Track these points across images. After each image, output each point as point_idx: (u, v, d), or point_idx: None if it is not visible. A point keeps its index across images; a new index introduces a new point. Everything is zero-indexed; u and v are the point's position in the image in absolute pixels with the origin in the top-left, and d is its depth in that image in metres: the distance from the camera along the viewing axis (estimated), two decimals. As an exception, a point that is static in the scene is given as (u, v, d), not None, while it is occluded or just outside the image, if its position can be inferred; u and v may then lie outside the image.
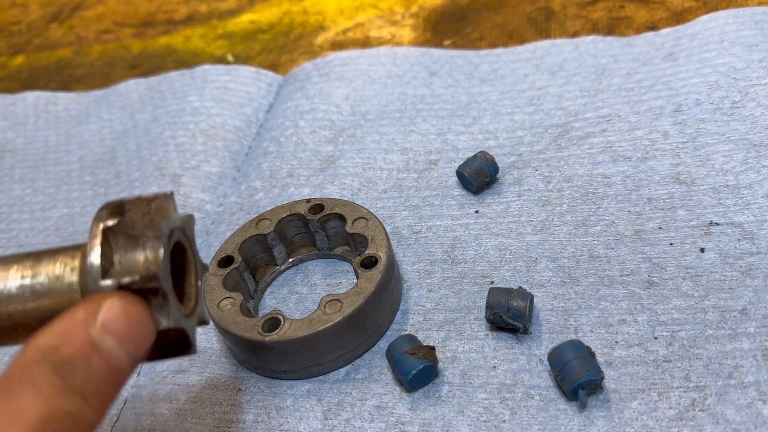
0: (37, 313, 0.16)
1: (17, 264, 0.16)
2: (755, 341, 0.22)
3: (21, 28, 0.57)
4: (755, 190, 0.26)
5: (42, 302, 0.16)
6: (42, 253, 0.17)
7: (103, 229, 0.16)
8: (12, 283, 0.16)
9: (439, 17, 0.43)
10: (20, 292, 0.16)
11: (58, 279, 0.16)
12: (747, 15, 0.33)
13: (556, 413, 0.21)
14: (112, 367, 0.15)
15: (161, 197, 0.17)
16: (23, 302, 0.16)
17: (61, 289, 0.16)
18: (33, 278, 0.16)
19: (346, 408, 0.23)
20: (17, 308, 0.16)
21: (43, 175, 0.39)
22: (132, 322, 0.15)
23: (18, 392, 0.14)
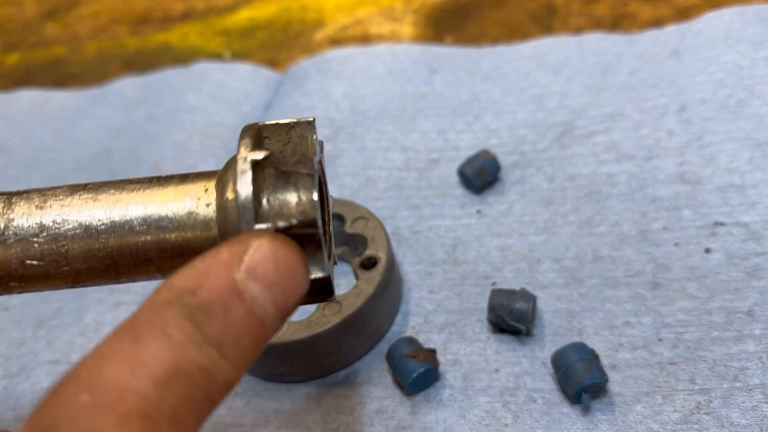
0: (161, 249, 0.14)
1: (138, 191, 0.14)
2: (761, 343, 0.21)
3: (16, 26, 0.56)
4: (761, 190, 0.25)
5: (168, 237, 0.14)
6: (164, 180, 0.15)
7: (252, 162, 0.13)
8: (133, 212, 0.14)
9: (440, 13, 0.42)
10: (143, 225, 0.14)
11: (191, 215, 0.14)
12: (752, 12, 0.33)
13: (559, 417, 0.21)
14: (256, 317, 0.13)
15: (303, 124, 0.15)
16: (144, 236, 0.14)
17: (194, 226, 0.14)
18: (159, 209, 0.14)
19: (346, 412, 0.23)
20: (138, 241, 0.14)
21: (38, 174, 0.38)
22: (283, 268, 0.13)
23: (144, 337, 0.11)
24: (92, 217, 0.14)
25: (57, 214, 0.14)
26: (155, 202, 0.14)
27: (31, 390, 0.26)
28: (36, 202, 0.14)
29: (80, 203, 0.14)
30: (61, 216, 0.14)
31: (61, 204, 0.14)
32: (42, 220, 0.14)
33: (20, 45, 0.53)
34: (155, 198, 0.14)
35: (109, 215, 0.14)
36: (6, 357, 0.28)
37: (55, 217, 0.14)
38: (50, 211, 0.14)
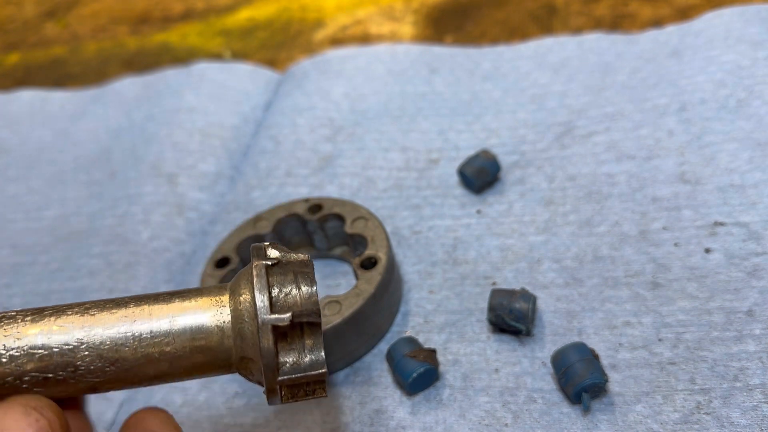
0: (182, 358, 0.16)
1: (159, 304, 0.16)
2: (761, 343, 0.21)
3: (16, 26, 0.56)
4: (761, 190, 0.25)
5: (192, 344, 0.16)
6: (180, 294, 0.16)
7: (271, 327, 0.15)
8: (159, 324, 0.16)
9: (439, 13, 0.42)
10: (166, 335, 0.16)
11: (209, 326, 0.16)
12: (752, 12, 0.32)
13: (559, 417, 0.21)
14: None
15: (299, 264, 0.16)
16: (168, 345, 0.16)
17: (213, 332, 0.16)
18: (177, 319, 0.16)
19: (345, 411, 0.23)
20: (163, 350, 0.16)
21: (37, 174, 0.38)
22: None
23: None
24: (122, 331, 0.16)
25: (87, 330, 0.15)
26: (180, 316, 0.16)
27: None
28: (77, 319, 0.16)
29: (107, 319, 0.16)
30: (90, 333, 0.15)
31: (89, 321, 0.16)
32: (80, 335, 0.15)
33: (20, 45, 0.53)
34: (178, 312, 0.16)
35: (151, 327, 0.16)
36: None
37: (86, 332, 0.15)
38: (85, 329, 0.15)
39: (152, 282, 0.30)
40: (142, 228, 0.32)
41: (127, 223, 0.32)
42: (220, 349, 0.16)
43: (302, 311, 0.16)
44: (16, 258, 0.33)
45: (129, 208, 0.33)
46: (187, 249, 0.31)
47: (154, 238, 0.31)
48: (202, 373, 0.16)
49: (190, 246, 0.31)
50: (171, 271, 0.30)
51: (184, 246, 0.31)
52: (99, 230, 0.33)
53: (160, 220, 0.32)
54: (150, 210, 0.33)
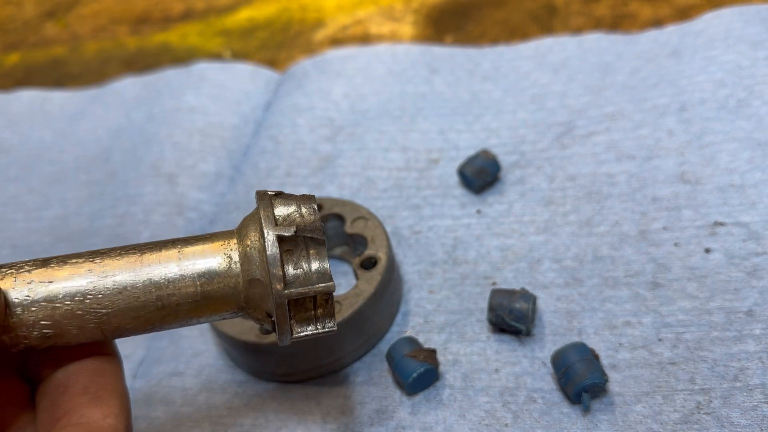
0: (196, 297, 0.16)
1: (167, 250, 0.16)
2: (761, 343, 0.21)
3: (16, 26, 0.56)
4: (761, 190, 0.25)
5: (204, 290, 0.16)
6: (191, 239, 0.17)
7: (277, 237, 0.16)
8: (169, 269, 0.16)
9: (440, 13, 0.42)
10: (179, 278, 0.16)
11: (222, 265, 0.16)
12: (752, 12, 0.32)
13: (559, 417, 0.21)
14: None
15: (305, 198, 0.17)
16: (182, 288, 0.16)
17: (228, 275, 0.16)
18: (195, 266, 0.16)
19: (346, 412, 0.23)
20: (176, 292, 0.16)
21: (37, 174, 0.38)
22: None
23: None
24: (141, 275, 0.16)
25: (111, 274, 0.16)
26: (191, 262, 0.16)
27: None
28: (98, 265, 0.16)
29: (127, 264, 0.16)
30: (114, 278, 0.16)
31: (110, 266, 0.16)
32: (105, 282, 0.16)
33: (20, 45, 0.53)
34: (189, 258, 0.16)
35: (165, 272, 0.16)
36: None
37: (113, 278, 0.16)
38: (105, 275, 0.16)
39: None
40: (142, 228, 0.32)
41: (127, 223, 0.32)
42: (228, 280, 0.16)
43: (305, 227, 0.16)
44: (16, 258, 0.33)
45: (129, 208, 0.33)
46: (187, 249, 0.31)
47: (154, 238, 0.31)
48: (213, 312, 0.16)
49: (190, 246, 0.31)
50: (171, 271, 0.30)
51: (184, 246, 0.31)
52: (99, 230, 0.33)
53: (160, 220, 0.32)
54: (150, 210, 0.33)
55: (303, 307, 0.16)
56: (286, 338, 0.16)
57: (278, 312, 0.16)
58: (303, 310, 0.16)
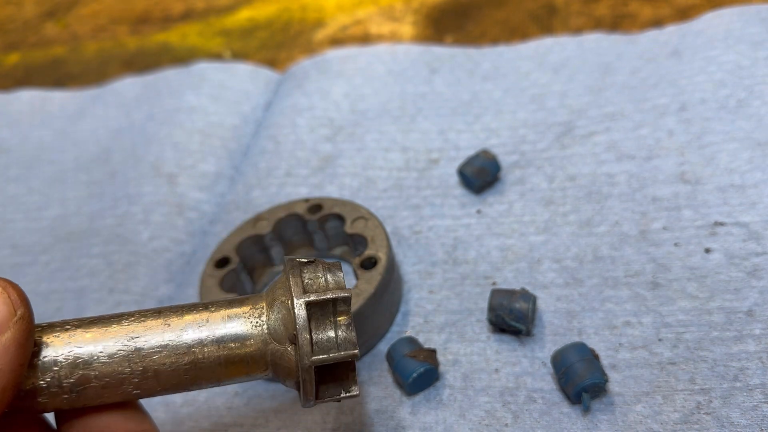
0: (227, 362, 0.16)
1: (198, 313, 0.16)
2: (761, 343, 0.21)
3: (16, 26, 0.56)
4: (761, 190, 0.25)
5: (233, 353, 0.16)
6: (221, 303, 0.17)
7: (305, 303, 0.16)
8: (200, 334, 0.16)
9: (440, 13, 0.42)
10: (210, 342, 0.16)
11: (249, 333, 0.16)
12: (752, 12, 0.32)
13: (559, 417, 0.21)
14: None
15: (332, 267, 0.17)
16: (211, 352, 0.16)
17: (254, 341, 0.16)
18: (226, 330, 0.16)
19: (346, 412, 0.23)
20: (206, 357, 0.16)
21: (37, 174, 0.38)
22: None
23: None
24: (175, 339, 0.16)
25: (143, 338, 0.16)
26: (221, 325, 0.17)
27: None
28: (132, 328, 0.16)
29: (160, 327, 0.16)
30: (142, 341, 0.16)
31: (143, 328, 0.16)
32: (137, 344, 0.16)
33: (20, 45, 0.53)
34: (219, 321, 0.17)
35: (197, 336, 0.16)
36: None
37: (143, 340, 0.16)
38: (138, 338, 0.16)
39: (152, 282, 0.30)
40: (142, 228, 0.32)
41: (127, 223, 0.32)
42: (257, 344, 0.16)
43: (332, 288, 0.17)
44: (16, 258, 0.33)
45: (129, 208, 0.33)
46: (187, 249, 0.31)
47: (154, 238, 0.31)
48: (239, 374, 0.17)
49: (190, 246, 0.31)
50: (171, 271, 0.30)
51: (184, 246, 0.31)
52: (99, 230, 0.33)
53: (160, 220, 0.32)
54: (150, 210, 0.33)
55: (327, 370, 0.17)
56: (311, 403, 0.17)
57: (305, 377, 0.16)
58: (327, 374, 0.17)
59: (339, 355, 0.16)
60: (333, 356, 0.16)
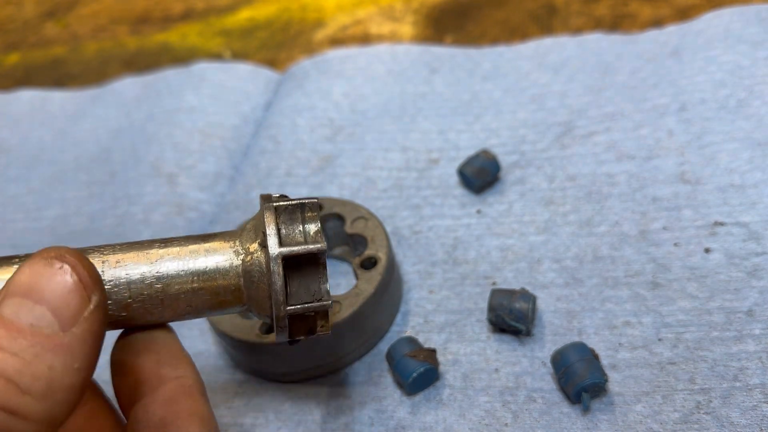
0: (200, 293, 0.17)
1: (173, 247, 0.17)
2: (761, 343, 0.21)
3: (16, 26, 0.56)
4: (761, 190, 0.25)
5: (208, 285, 0.17)
6: (196, 238, 0.18)
7: (274, 206, 0.17)
8: (175, 265, 0.17)
9: (439, 13, 0.42)
10: (183, 275, 0.17)
11: (224, 268, 0.17)
12: (752, 12, 0.32)
13: (559, 416, 0.21)
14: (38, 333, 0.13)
15: (308, 205, 0.18)
16: (184, 284, 0.17)
17: (227, 274, 0.17)
18: (204, 263, 0.17)
19: (345, 411, 0.23)
20: (179, 289, 0.17)
21: (37, 174, 0.38)
22: (44, 276, 0.13)
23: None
24: (152, 271, 0.17)
25: (127, 268, 0.17)
26: (196, 258, 0.17)
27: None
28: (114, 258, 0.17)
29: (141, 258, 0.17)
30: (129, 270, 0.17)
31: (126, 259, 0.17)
32: (121, 273, 0.17)
33: (20, 45, 0.53)
34: (198, 254, 0.17)
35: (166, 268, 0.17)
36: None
37: (128, 271, 0.17)
38: (123, 267, 0.17)
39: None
40: (143, 228, 0.32)
41: (127, 223, 0.32)
42: (231, 279, 0.17)
43: (309, 245, 0.17)
44: (16, 258, 0.33)
45: (129, 208, 0.33)
46: (187, 249, 0.31)
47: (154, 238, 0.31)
48: (221, 307, 0.17)
49: (190, 246, 0.31)
50: (171, 271, 0.30)
51: (184, 246, 0.31)
52: (99, 230, 0.33)
53: (160, 220, 0.32)
54: (150, 210, 0.33)
55: (301, 316, 0.17)
56: (284, 338, 0.17)
57: (279, 325, 0.17)
58: (300, 319, 0.17)
59: (312, 306, 0.17)
60: (306, 307, 0.16)
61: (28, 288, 0.14)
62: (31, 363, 0.13)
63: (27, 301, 0.13)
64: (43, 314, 0.13)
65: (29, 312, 0.13)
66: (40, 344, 0.13)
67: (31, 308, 0.13)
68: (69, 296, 0.14)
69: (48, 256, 0.14)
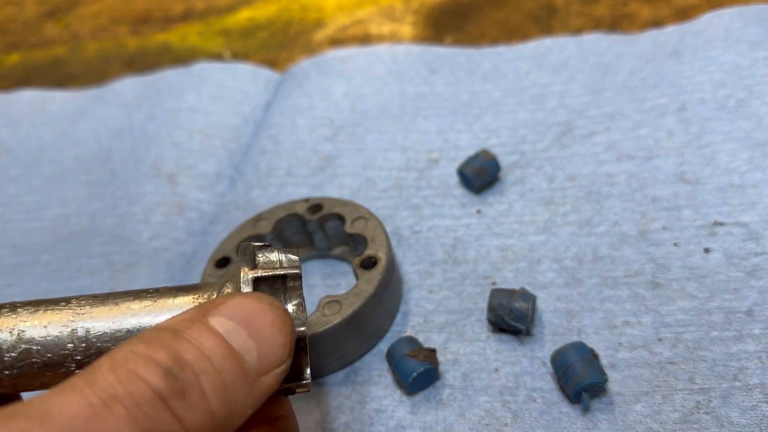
0: None
1: (137, 300, 0.16)
2: (760, 343, 0.21)
3: (16, 26, 0.56)
4: (761, 190, 0.25)
5: None
6: (167, 292, 0.16)
7: (252, 279, 0.16)
8: (141, 320, 0.16)
9: (439, 14, 0.42)
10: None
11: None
12: (752, 12, 0.33)
13: (559, 416, 0.21)
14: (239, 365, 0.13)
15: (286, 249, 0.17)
16: None
17: None
18: (157, 317, 0.16)
19: (346, 411, 0.23)
20: None
21: (38, 174, 0.38)
22: (264, 318, 0.13)
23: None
24: (117, 325, 0.16)
25: (82, 324, 0.16)
26: (163, 314, 0.16)
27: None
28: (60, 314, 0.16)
29: (106, 312, 0.16)
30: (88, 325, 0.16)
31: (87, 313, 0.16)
32: (61, 330, 0.16)
33: (20, 45, 0.53)
34: (163, 310, 0.16)
35: (123, 325, 0.16)
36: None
37: (80, 325, 0.16)
38: (73, 321, 0.16)
39: (153, 282, 0.30)
40: (143, 228, 0.32)
41: (127, 223, 0.32)
42: None
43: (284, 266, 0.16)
44: (16, 258, 0.33)
45: (129, 208, 0.33)
46: (188, 249, 0.31)
47: (154, 238, 0.31)
48: None
49: (190, 246, 0.31)
50: (171, 271, 0.30)
51: (184, 246, 0.31)
52: (99, 230, 0.33)
53: (160, 220, 0.32)
54: (150, 210, 0.33)
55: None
56: None
57: None
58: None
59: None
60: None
61: (247, 320, 0.14)
62: (227, 389, 0.13)
63: (242, 330, 0.13)
64: (251, 351, 0.13)
65: (242, 342, 0.13)
66: (240, 377, 0.13)
67: (245, 340, 0.13)
68: (277, 348, 0.14)
69: (271, 303, 0.14)
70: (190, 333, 0.13)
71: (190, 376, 0.12)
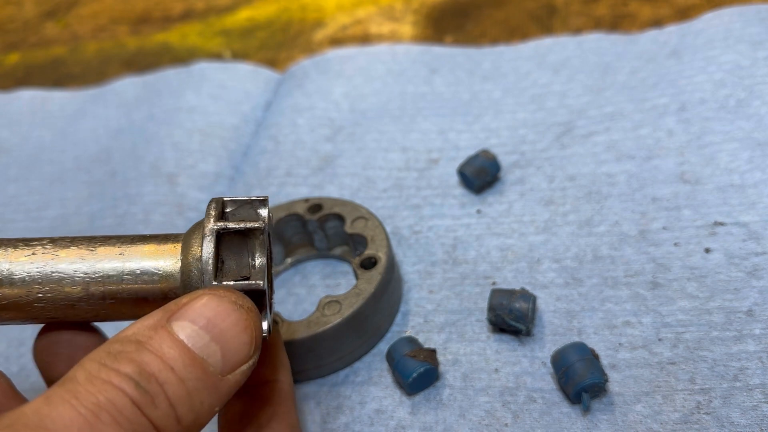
0: (136, 296, 0.16)
1: (108, 246, 0.17)
2: (761, 343, 0.21)
3: (16, 26, 0.56)
4: (761, 190, 0.25)
5: (133, 288, 0.16)
6: (132, 239, 0.17)
7: (216, 230, 0.16)
8: (105, 264, 0.16)
9: (439, 13, 0.42)
10: (114, 274, 0.16)
11: (158, 268, 0.16)
12: (752, 12, 0.33)
13: (559, 417, 0.21)
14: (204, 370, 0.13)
15: (257, 202, 0.17)
16: (113, 284, 0.16)
17: (158, 279, 0.16)
18: (125, 263, 0.16)
19: (345, 411, 0.23)
20: (106, 289, 0.16)
21: (37, 174, 0.38)
22: (227, 318, 0.14)
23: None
24: (87, 268, 0.17)
25: (53, 264, 0.16)
26: (135, 258, 0.17)
27: (31, 389, 0.26)
28: (39, 251, 0.17)
29: (76, 254, 0.17)
30: (57, 266, 0.16)
31: (54, 255, 0.17)
32: (44, 269, 0.16)
33: (20, 45, 0.53)
34: (135, 255, 0.17)
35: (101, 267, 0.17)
36: (6, 357, 0.28)
37: (52, 267, 0.16)
38: (48, 262, 0.16)
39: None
40: (143, 228, 0.32)
41: (127, 223, 0.32)
42: (169, 281, 0.16)
43: (246, 221, 0.16)
44: (16, 258, 0.33)
45: (129, 208, 0.33)
46: (187, 249, 0.31)
47: (154, 238, 0.31)
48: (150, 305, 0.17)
49: (190, 246, 0.31)
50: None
51: (184, 246, 0.31)
52: (99, 230, 0.33)
53: (160, 220, 0.32)
54: (150, 210, 0.33)
55: None
56: None
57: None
58: None
59: (245, 225, 0.16)
60: (236, 226, 0.16)
61: (210, 322, 0.14)
62: (191, 395, 0.13)
63: (205, 334, 0.14)
64: (215, 353, 0.14)
65: (205, 346, 0.14)
66: (204, 380, 0.13)
67: (208, 344, 0.14)
68: (241, 347, 0.14)
69: (235, 301, 0.14)
70: (153, 344, 0.13)
71: (156, 387, 0.13)
